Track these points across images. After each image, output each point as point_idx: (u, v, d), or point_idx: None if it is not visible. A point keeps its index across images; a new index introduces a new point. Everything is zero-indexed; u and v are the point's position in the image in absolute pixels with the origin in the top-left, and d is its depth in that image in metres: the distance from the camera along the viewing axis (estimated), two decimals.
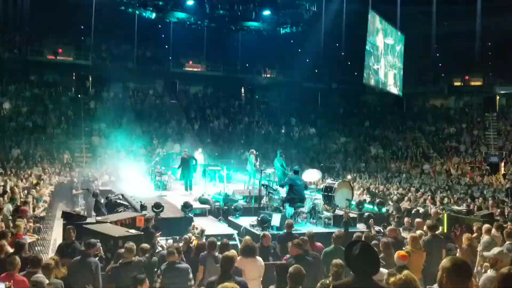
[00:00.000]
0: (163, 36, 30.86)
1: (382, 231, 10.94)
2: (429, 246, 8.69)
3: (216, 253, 7.67)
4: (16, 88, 29.01)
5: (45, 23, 28.36)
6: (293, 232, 9.92)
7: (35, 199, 14.22)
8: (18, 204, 12.50)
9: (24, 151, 24.22)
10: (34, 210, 12.95)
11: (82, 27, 29.79)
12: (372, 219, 11.37)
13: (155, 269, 7.49)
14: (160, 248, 9.21)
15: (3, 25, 28.35)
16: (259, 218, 11.49)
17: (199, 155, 18.94)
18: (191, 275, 7.15)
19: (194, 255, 8.04)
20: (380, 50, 26.59)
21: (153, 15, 26.27)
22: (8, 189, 15.19)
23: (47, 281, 5.97)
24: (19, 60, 29.38)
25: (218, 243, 8.17)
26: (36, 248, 10.17)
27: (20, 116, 27.06)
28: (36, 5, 27.01)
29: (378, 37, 26.54)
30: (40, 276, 6.04)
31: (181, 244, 8.49)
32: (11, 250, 7.55)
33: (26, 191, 15.08)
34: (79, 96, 30.73)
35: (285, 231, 9.98)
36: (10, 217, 10.90)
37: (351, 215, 12.51)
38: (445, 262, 3.51)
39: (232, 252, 7.04)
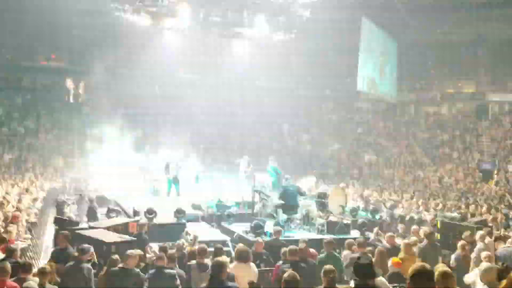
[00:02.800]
0: (156, 42, 30.74)
1: (376, 237, 10.95)
2: (426, 253, 8.70)
3: (205, 260, 7.64)
4: (8, 93, 28.87)
5: (38, 28, 28.23)
6: (280, 238, 9.95)
7: (27, 205, 14.11)
8: (11, 209, 12.40)
9: (16, 157, 24.06)
10: (26, 216, 12.83)
11: (75, 32, 29.66)
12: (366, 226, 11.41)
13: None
14: (152, 254, 9.16)
15: None
16: (252, 225, 11.47)
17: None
18: (178, 281, 7.09)
19: (187, 261, 8.00)
20: (373, 57, 26.73)
21: (147, 22, 26.18)
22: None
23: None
24: (12, 65, 29.26)
25: (210, 249, 8.15)
26: (28, 254, 10.07)
27: (12, 121, 26.92)
28: (28, 10, 26.88)
29: (370, 44, 26.67)
30: (31, 282, 5.98)
31: (174, 250, 8.45)
32: (2, 255, 7.48)
33: (18, 197, 14.95)
34: (72, 101, 30.61)
35: (273, 237, 10.00)
36: (2, 223, 10.80)
37: (345, 221, 12.52)
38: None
39: (224, 257, 7.01)
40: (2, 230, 9.89)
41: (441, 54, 32.17)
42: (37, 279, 6.38)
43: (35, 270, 6.86)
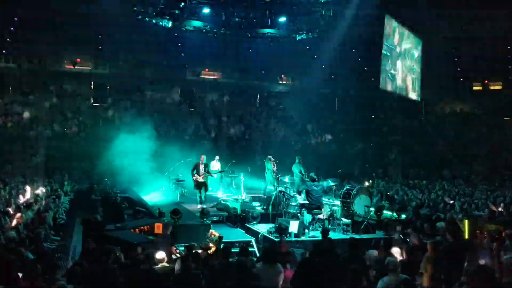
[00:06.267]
0: (179, 44, 30.98)
1: (402, 237, 10.84)
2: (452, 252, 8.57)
3: (230, 260, 7.67)
4: (35, 98, 29.42)
5: (63, 33, 28.71)
6: (309, 239, 9.91)
7: (55, 206, 14.35)
8: (39, 211, 12.63)
9: (44, 160, 24.48)
10: (54, 218, 13.06)
11: (100, 36, 30.09)
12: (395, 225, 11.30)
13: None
14: (178, 255, 9.23)
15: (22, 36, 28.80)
16: (276, 225, 11.47)
17: (216, 163, 18.79)
18: (203, 282, 7.12)
19: (212, 262, 8.03)
20: (397, 55, 26.46)
21: (170, 24, 26.38)
22: (28, 197, 15.39)
23: None
24: (39, 70, 29.84)
25: (235, 249, 8.17)
26: (56, 255, 10.24)
27: (40, 125, 27.40)
28: (54, 16, 27.35)
29: (394, 42, 26.41)
30: (61, 282, 6.07)
31: (199, 251, 8.50)
32: (31, 256, 7.61)
33: (46, 199, 15.22)
34: (97, 105, 31.14)
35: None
36: (31, 225, 11.00)
37: (370, 221, 12.43)
38: None
39: (248, 258, 7.02)
40: (32, 232, 10.07)
41: (467, 50, 31.67)
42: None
43: (64, 271, 6.96)
